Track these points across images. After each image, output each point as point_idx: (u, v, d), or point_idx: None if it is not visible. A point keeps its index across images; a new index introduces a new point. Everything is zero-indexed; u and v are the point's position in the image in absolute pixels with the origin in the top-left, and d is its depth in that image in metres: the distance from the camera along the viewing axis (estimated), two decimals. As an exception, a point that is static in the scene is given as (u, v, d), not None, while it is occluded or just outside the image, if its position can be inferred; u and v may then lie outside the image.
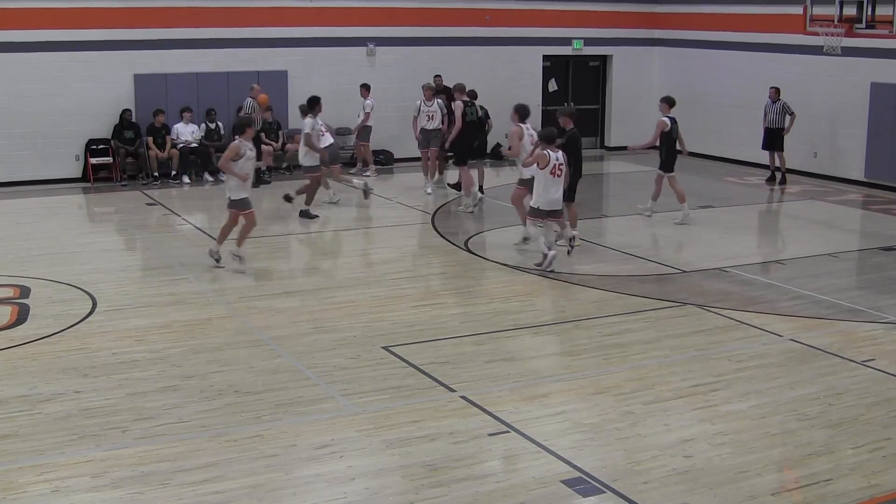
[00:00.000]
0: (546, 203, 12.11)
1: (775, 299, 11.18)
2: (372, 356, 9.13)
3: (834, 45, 16.39)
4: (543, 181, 12.02)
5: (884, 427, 7.62)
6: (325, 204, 16.20)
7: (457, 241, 13.80)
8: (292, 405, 7.98)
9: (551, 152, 12.00)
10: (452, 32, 21.06)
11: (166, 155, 18.27)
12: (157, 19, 18.53)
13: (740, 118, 20.69)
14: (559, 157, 12.06)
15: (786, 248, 14.42)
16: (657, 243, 14.19)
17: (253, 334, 9.77)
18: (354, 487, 6.62)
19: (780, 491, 6.64)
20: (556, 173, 12.00)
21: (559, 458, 7.02)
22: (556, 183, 12.05)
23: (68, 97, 18.04)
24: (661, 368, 8.90)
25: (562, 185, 12.18)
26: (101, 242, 14.09)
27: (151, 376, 8.57)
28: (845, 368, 8.91)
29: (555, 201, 12.15)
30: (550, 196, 12.08)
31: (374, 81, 20.00)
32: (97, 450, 7.11)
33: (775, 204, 17.84)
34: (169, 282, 11.72)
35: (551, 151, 12.01)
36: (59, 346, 9.36)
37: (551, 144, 12.12)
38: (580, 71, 23.33)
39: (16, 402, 7.99)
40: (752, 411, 7.91)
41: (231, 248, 12.19)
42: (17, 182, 17.71)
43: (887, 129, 17.84)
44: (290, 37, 19.67)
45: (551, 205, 12.15)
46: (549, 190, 12.04)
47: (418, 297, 11.38)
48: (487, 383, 8.49)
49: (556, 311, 10.63)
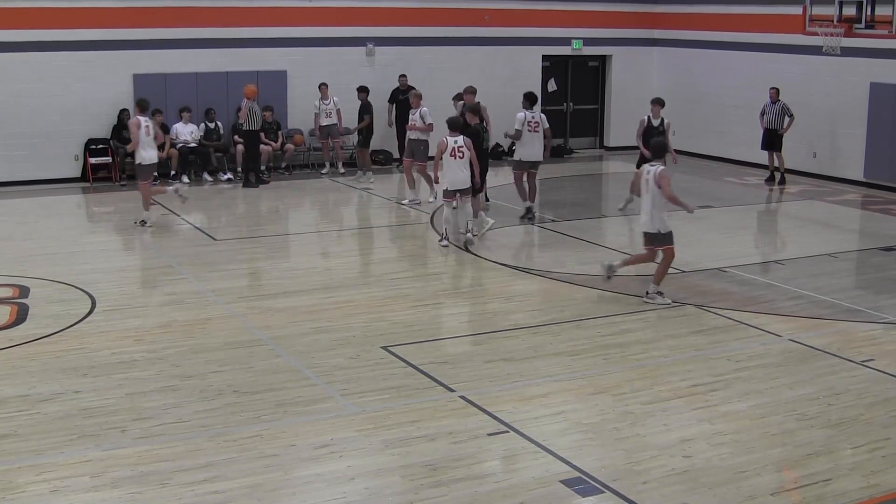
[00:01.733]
0: (451, 183, 13.39)
1: (774, 299, 11.18)
2: (371, 356, 9.13)
3: (833, 45, 16.39)
4: (446, 163, 13.39)
5: (883, 427, 7.62)
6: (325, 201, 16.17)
7: (456, 242, 13.79)
8: (292, 405, 7.98)
9: (449, 138, 13.29)
10: (451, 32, 21.06)
11: (165, 155, 18.25)
12: (157, 19, 18.51)
13: (740, 118, 20.69)
14: (457, 140, 13.27)
15: (785, 249, 14.42)
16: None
17: (252, 334, 9.77)
18: (354, 487, 6.62)
19: (779, 491, 6.64)
20: (456, 155, 13.24)
21: (558, 457, 7.02)
22: (456, 164, 13.26)
23: (68, 97, 18.04)
24: (661, 368, 8.91)
25: (463, 167, 13.30)
26: (101, 242, 14.09)
27: (151, 376, 8.57)
28: (844, 368, 8.91)
29: (457, 181, 13.30)
30: (454, 176, 13.33)
31: (374, 81, 20.01)
32: (96, 450, 7.11)
33: (774, 204, 17.84)
34: (168, 282, 11.72)
35: (450, 137, 13.30)
36: (58, 345, 9.36)
37: (454, 132, 13.34)
38: (579, 71, 23.33)
39: (15, 401, 7.99)
40: (751, 411, 7.91)
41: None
42: (16, 182, 17.70)
43: (886, 130, 17.85)
44: (289, 37, 19.67)
45: (455, 184, 13.35)
46: (451, 170, 13.33)
47: (418, 297, 11.38)
48: (487, 383, 8.49)
49: (555, 311, 10.63)
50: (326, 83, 19.10)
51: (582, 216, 15.58)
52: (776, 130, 18.48)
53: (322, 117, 19.17)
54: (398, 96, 19.80)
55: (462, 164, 13.30)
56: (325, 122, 19.20)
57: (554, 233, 14.52)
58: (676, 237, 10.96)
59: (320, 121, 19.19)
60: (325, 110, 19.14)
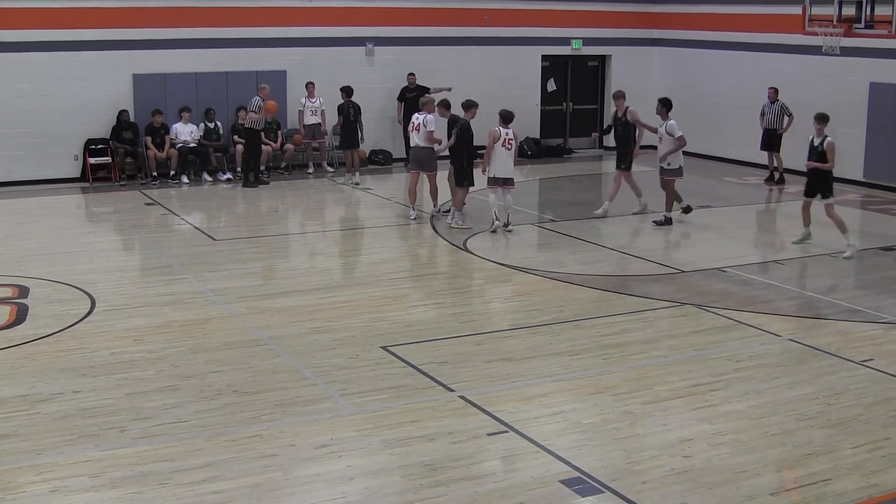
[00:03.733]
0: (498, 171, 14.24)
1: (774, 299, 11.18)
2: (371, 356, 9.13)
3: (833, 45, 16.39)
4: (496, 152, 14.19)
5: (883, 427, 7.62)
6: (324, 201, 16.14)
7: (456, 241, 13.79)
8: (291, 405, 7.98)
9: (502, 128, 14.20)
10: (451, 32, 21.05)
11: (165, 155, 18.26)
12: (156, 19, 18.51)
13: (739, 118, 20.69)
14: (508, 132, 14.21)
15: (785, 248, 14.41)
16: (656, 243, 14.17)
17: (252, 334, 9.77)
18: (353, 487, 6.62)
19: (779, 491, 6.64)
20: (507, 146, 14.19)
21: (558, 457, 7.02)
22: (506, 154, 14.21)
23: (67, 97, 18.03)
24: (660, 368, 8.90)
25: (511, 158, 14.27)
26: (100, 242, 14.08)
27: (150, 376, 8.57)
28: (844, 368, 8.91)
29: (505, 170, 14.18)
30: (502, 165, 14.21)
31: (373, 81, 20.03)
32: (96, 450, 7.11)
33: (774, 204, 17.84)
34: (168, 282, 11.72)
35: (502, 128, 14.21)
36: (57, 345, 9.35)
37: (506, 123, 14.27)
38: (579, 71, 23.33)
39: (14, 401, 7.98)
40: (750, 411, 7.91)
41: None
42: (15, 182, 17.70)
43: (886, 129, 17.85)
44: (288, 37, 19.66)
45: (501, 173, 14.23)
46: (500, 159, 14.24)
47: (417, 296, 11.38)
48: (486, 383, 8.49)
49: (554, 310, 10.63)
50: (314, 82, 19.15)
51: (582, 216, 15.57)
52: (775, 130, 18.48)
53: (307, 115, 19.19)
54: (406, 94, 19.82)
55: (510, 154, 14.19)
56: (311, 121, 19.22)
57: (554, 233, 14.52)
58: (675, 238, 10.96)
59: (305, 119, 19.22)
60: (310, 108, 19.16)
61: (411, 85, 19.86)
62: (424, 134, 14.68)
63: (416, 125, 14.81)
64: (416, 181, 15.18)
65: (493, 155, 14.13)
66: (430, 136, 14.63)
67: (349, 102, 18.49)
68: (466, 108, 14.63)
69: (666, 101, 14.99)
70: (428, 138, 14.64)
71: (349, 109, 18.50)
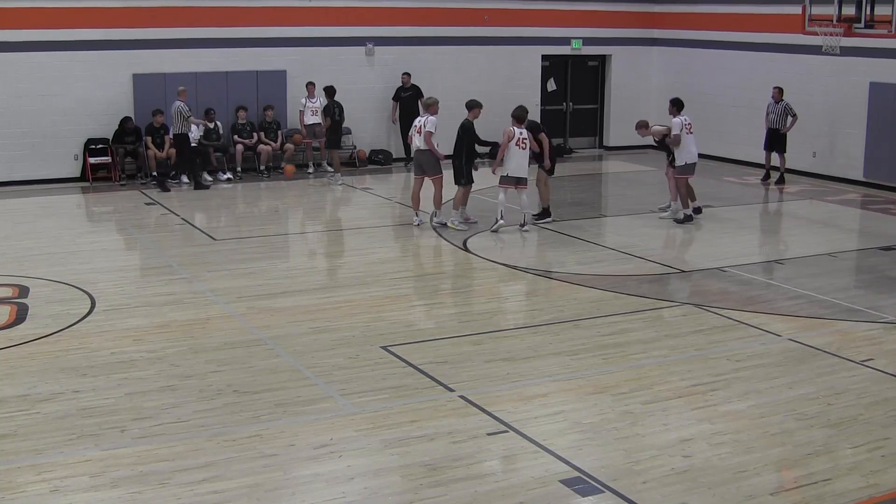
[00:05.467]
0: (512, 171, 14.30)
1: (774, 299, 11.18)
2: (371, 356, 9.13)
3: (833, 44, 16.38)
4: (511, 151, 14.22)
5: (882, 427, 7.62)
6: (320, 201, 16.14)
7: (455, 241, 13.79)
8: (291, 405, 7.97)
9: (516, 128, 14.25)
10: (451, 32, 21.05)
11: (165, 155, 18.26)
12: (156, 19, 18.51)
13: (739, 118, 20.69)
14: (522, 132, 14.22)
15: (785, 248, 14.41)
16: (656, 243, 14.18)
17: (251, 334, 9.77)
18: (353, 487, 6.62)
19: (778, 491, 6.64)
20: (521, 145, 14.20)
21: (558, 457, 7.02)
22: (521, 153, 14.25)
23: (67, 97, 18.04)
24: (660, 368, 8.90)
25: (525, 157, 14.30)
26: (100, 242, 14.08)
27: (150, 376, 8.57)
28: (844, 368, 8.91)
29: (519, 169, 14.24)
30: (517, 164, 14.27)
31: (373, 81, 20.03)
32: (96, 449, 7.11)
33: (774, 204, 17.84)
34: (167, 281, 11.72)
35: (516, 128, 14.26)
36: (57, 345, 9.36)
37: (519, 123, 14.31)
38: (579, 71, 23.33)
39: (14, 401, 7.99)
40: (750, 411, 7.91)
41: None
42: (15, 182, 17.70)
43: (886, 129, 17.84)
44: (288, 36, 19.67)
45: (515, 172, 14.28)
46: (515, 158, 14.23)
47: (417, 296, 11.38)
48: (486, 383, 8.49)
49: (554, 310, 10.63)
50: (314, 82, 19.13)
51: (582, 216, 15.57)
52: (778, 130, 18.47)
53: (308, 115, 19.18)
54: (401, 94, 19.87)
55: (525, 154, 14.23)
56: (311, 121, 19.21)
57: (554, 233, 14.52)
58: (675, 238, 10.95)
59: (305, 119, 19.21)
60: (310, 108, 19.16)
61: (406, 84, 19.87)
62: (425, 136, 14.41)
63: (418, 128, 14.50)
64: (419, 186, 14.83)
65: (508, 154, 14.14)
66: (427, 137, 14.34)
67: (333, 102, 18.46)
68: (469, 107, 14.64)
69: (676, 101, 15.28)
70: (426, 139, 14.35)
71: (334, 109, 18.49)
